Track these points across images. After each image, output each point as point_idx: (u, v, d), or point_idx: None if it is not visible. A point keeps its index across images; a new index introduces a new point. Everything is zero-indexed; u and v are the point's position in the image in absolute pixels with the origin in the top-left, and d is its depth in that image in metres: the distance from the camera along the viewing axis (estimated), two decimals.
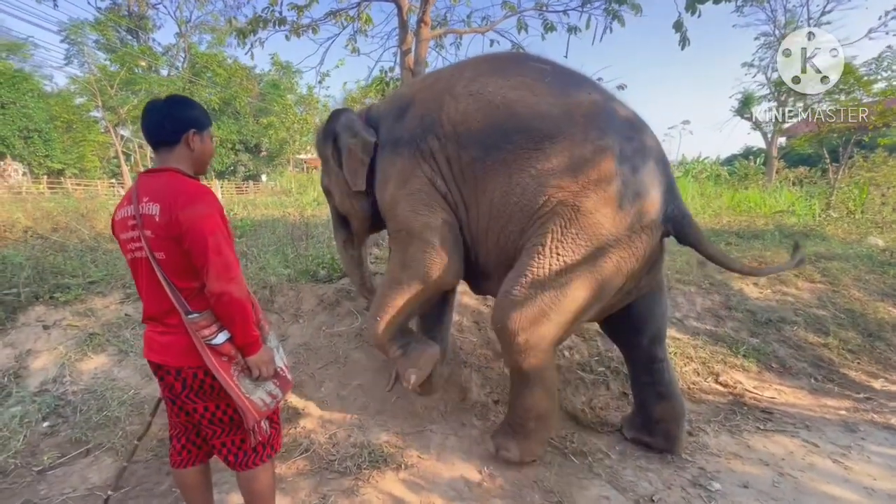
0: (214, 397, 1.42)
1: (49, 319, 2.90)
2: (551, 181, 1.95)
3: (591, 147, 1.92)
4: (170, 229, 1.28)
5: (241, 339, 1.39)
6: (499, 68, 2.25)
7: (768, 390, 3.08)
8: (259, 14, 3.79)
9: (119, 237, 1.42)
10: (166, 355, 1.39)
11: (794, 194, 10.22)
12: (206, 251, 1.28)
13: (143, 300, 1.42)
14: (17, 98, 19.90)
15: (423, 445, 2.37)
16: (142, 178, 1.39)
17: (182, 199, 1.29)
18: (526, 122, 2.03)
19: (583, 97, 2.05)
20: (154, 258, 1.31)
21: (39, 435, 2.29)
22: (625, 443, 2.48)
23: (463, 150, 2.14)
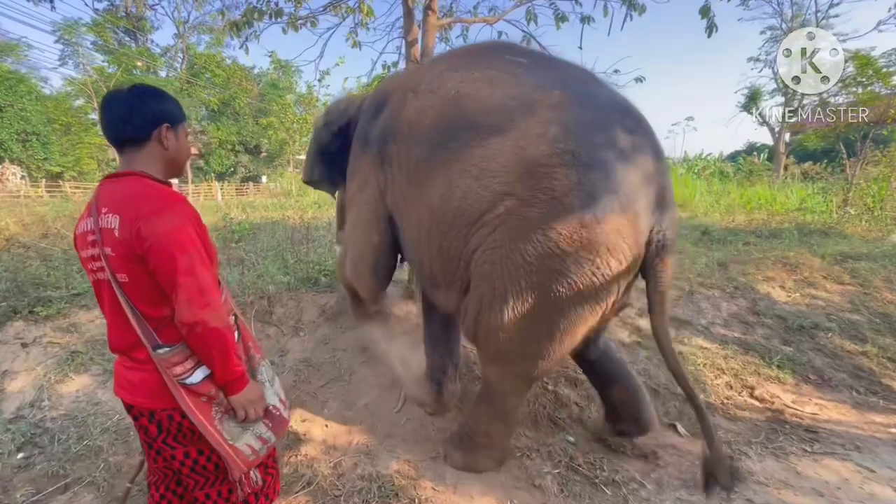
0: (196, 441, 1.20)
1: (28, 336, 2.68)
2: (494, 185, 1.64)
3: (546, 148, 1.56)
4: (131, 246, 1.05)
5: (222, 377, 1.16)
6: (469, 61, 2.02)
7: (809, 405, 2.84)
8: (254, 4, 3.57)
9: (80, 255, 1.19)
10: (136, 395, 1.18)
11: (806, 190, 9.98)
12: (174, 272, 1.06)
13: (108, 329, 1.20)
14: (14, 101, 19.70)
15: (438, 475, 2.14)
16: (103, 185, 1.16)
17: (145, 208, 1.06)
18: (474, 116, 1.76)
19: (556, 88, 1.69)
20: (116, 280, 1.09)
21: (12, 468, 2.06)
22: (660, 470, 2.25)
23: (412, 150, 1.94)
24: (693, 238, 6.02)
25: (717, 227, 6.82)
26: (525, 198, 1.57)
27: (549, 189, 1.53)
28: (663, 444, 2.45)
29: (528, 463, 2.23)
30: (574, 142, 1.54)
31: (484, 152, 1.68)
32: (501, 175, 1.63)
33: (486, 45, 2.64)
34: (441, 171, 1.81)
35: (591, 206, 1.49)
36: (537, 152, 1.56)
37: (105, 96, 1.17)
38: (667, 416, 2.68)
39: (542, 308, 1.64)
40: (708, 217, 8.28)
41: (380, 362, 2.88)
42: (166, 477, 1.33)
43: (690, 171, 15.22)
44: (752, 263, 4.57)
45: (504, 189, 1.62)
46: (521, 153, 1.60)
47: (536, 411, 2.60)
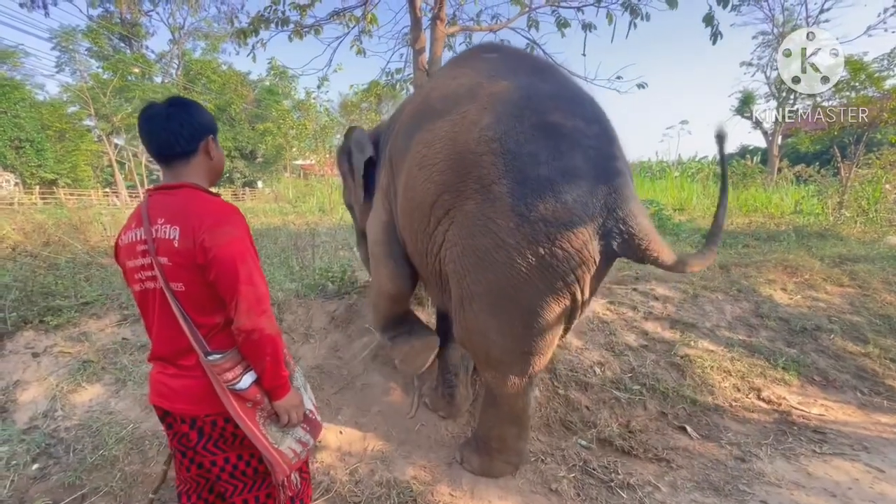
0: (237, 447, 1.23)
1: (39, 346, 2.66)
2: (434, 174, 1.65)
3: (475, 134, 1.53)
4: (192, 256, 1.08)
5: (271, 382, 1.19)
6: (455, 63, 2.19)
7: (815, 406, 2.88)
8: (261, 13, 3.59)
9: (125, 265, 1.21)
10: (180, 401, 1.19)
11: (800, 193, 10.10)
12: (236, 281, 1.09)
13: (154, 338, 1.22)
14: (8, 107, 19.59)
15: (455, 480, 2.15)
16: (153, 196, 1.18)
17: (208, 220, 1.10)
18: (431, 104, 1.83)
19: (503, 78, 1.67)
20: (170, 289, 1.12)
21: (28, 479, 2.05)
22: (673, 472, 2.27)
23: (397, 145, 2.05)
24: (693, 241, 6.08)
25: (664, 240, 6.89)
26: (460, 189, 1.57)
27: (478, 178, 1.52)
28: (675, 446, 2.48)
29: (543, 467, 2.25)
30: (502, 130, 1.51)
31: (427, 136, 1.73)
32: (438, 163, 1.64)
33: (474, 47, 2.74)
34: (405, 160, 1.88)
35: (522, 194, 1.45)
36: (468, 139, 1.56)
37: (146, 112, 1.17)
38: (676, 418, 2.70)
39: (508, 303, 1.61)
40: (706, 220, 8.36)
41: (392, 368, 2.89)
42: (198, 486, 1.34)
43: (685, 174, 15.37)
44: (753, 266, 4.62)
45: (442, 179, 1.62)
46: (453, 140, 1.61)
47: (548, 415, 2.63)
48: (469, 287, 1.67)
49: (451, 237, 1.67)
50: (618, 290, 3.99)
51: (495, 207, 1.49)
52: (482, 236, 1.54)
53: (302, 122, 22.18)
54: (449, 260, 1.71)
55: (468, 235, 1.59)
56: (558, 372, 2.91)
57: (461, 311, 1.77)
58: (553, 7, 4.10)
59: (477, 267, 1.60)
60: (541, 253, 1.48)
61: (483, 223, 1.53)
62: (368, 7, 3.96)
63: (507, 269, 1.53)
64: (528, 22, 4.24)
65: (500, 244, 1.51)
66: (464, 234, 1.60)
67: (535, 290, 1.56)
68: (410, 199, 1.82)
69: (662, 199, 9.58)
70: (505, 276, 1.55)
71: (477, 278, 1.62)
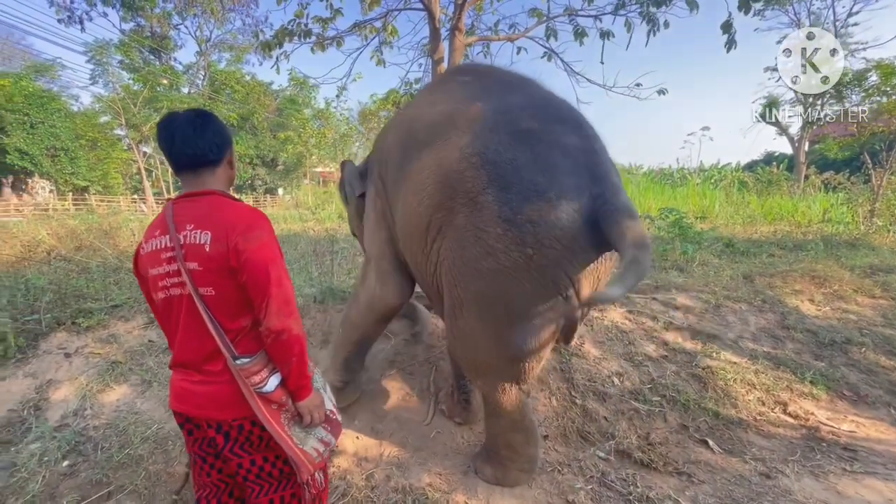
0: (263, 449, 1.26)
1: (71, 347, 2.77)
2: (425, 199, 1.74)
3: (457, 154, 1.63)
4: (225, 259, 1.12)
5: (296, 382, 1.23)
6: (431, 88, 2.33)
7: (845, 423, 2.77)
8: (285, 26, 3.70)
9: (146, 274, 1.22)
10: (206, 407, 1.21)
11: (829, 200, 9.79)
12: (267, 283, 1.13)
13: (177, 345, 1.22)
14: (45, 118, 20.53)
15: (470, 489, 2.15)
16: (178, 204, 1.20)
17: (240, 224, 1.13)
18: (415, 135, 1.94)
19: (477, 100, 1.76)
20: (198, 294, 1.13)
21: (59, 476, 2.13)
22: (694, 487, 2.21)
23: (390, 172, 2.17)
24: (716, 250, 5.95)
25: (739, 239, 6.73)
26: (450, 207, 1.64)
27: (464, 192, 1.58)
28: (696, 460, 2.42)
29: (560, 478, 2.22)
30: (480, 144, 1.58)
31: (417, 166, 1.82)
32: (428, 188, 1.72)
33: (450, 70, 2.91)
34: (400, 190, 1.98)
35: (505, 200, 1.49)
36: (451, 160, 1.65)
37: (176, 121, 1.19)
38: (698, 431, 2.64)
39: (498, 309, 1.64)
40: (729, 228, 8.17)
41: (407, 375, 2.91)
42: (218, 490, 1.36)
43: (707, 181, 15.06)
44: (778, 276, 4.49)
45: (433, 201, 1.70)
46: (438, 164, 1.70)
47: (565, 426, 2.60)
48: (459, 296, 1.72)
49: (444, 252, 1.74)
50: (637, 300, 3.93)
51: (483, 216, 1.54)
52: (472, 246, 1.58)
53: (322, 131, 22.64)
54: (443, 274, 1.79)
55: (458, 247, 1.64)
56: (575, 381, 2.88)
57: (452, 320, 1.83)
58: (571, 16, 4.10)
59: (467, 276, 1.65)
60: (529, 254, 1.48)
61: (472, 233, 1.57)
62: (389, 19, 4.04)
63: (497, 274, 1.55)
64: (547, 31, 4.26)
65: (489, 251, 1.53)
66: (454, 246, 1.66)
67: (525, 294, 1.57)
68: (408, 224, 1.91)
69: (683, 206, 9.40)
70: (495, 282, 1.57)
71: (467, 287, 1.67)
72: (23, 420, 2.37)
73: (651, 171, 20.71)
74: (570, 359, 3.06)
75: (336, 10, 3.95)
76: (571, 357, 3.08)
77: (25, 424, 2.34)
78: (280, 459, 1.27)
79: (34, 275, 3.47)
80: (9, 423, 2.35)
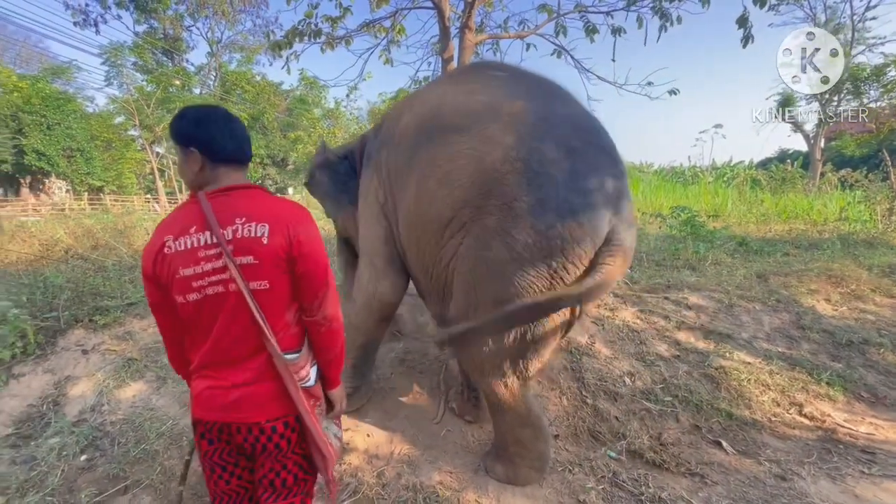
0: (290, 454, 1.22)
1: (88, 344, 2.83)
2: (456, 191, 1.71)
3: (500, 153, 1.61)
4: (285, 251, 1.11)
5: (336, 370, 1.28)
6: (459, 78, 2.20)
7: (863, 424, 2.72)
8: (295, 26, 3.73)
9: (174, 275, 1.11)
10: (241, 410, 1.15)
11: (846, 198, 9.60)
12: (324, 273, 1.17)
13: (208, 346, 1.15)
14: (61, 119, 20.92)
15: (481, 487, 2.15)
16: (215, 199, 1.14)
17: (295, 217, 1.15)
18: (446, 118, 1.85)
19: (520, 98, 1.75)
20: (249, 290, 1.10)
21: (77, 470, 2.17)
22: (707, 488, 2.19)
23: (398, 156, 2.07)
24: (729, 249, 5.87)
25: (753, 238, 6.63)
26: (481, 205, 1.65)
27: (501, 195, 1.60)
28: (709, 461, 2.39)
29: (571, 477, 2.21)
30: (526, 150, 1.60)
31: (447, 151, 1.76)
32: (461, 180, 1.70)
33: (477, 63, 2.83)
34: (414, 172, 1.91)
35: (542, 212, 1.55)
36: (493, 158, 1.63)
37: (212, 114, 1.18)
38: (710, 432, 2.61)
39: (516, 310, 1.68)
40: (742, 227, 8.05)
41: (418, 373, 2.92)
42: (238, 495, 1.30)
43: (719, 179, 14.87)
44: (793, 275, 4.42)
45: (464, 196, 1.69)
46: (478, 159, 1.67)
47: (576, 425, 2.59)
48: (477, 296, 1.74)
49: (464, 250, 1.74)
50: (648, 299, 3.89)
51: (515, 223, 1.59)
52: (498, 249, 1.63)
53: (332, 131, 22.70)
54: (459, 271, 1.79)
55: (484, 248, 1.67)
56: (586, 381, 2.86)
57: (465, 320, 1.82)
58: (581, 12, 4.07)
59: (488, 277, 1.69)
60: (553, 266, 1.60)
61: (501, 237, 1.62)
62: (397, 18, 4.04)
63: (519, 279, 1.63)
64: (556, 28, 4.22)
65: (515, 257, 1.60)
66: (479, 246, 1.68)
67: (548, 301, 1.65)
68: (424, 213, 1.86)
69: (695, 205, 9.28)
70: (515, 286, 1.64)
71: (486, 288, 1.71)
72: (42, 415, 2.42)
73: (662, 169, 20.51)
74: (580, 358, 3.05)
75: (345, 8, 3.96)
76: (582, 356, 3.07)
77: (45, 419, 2.40)
78: (304, 461, 1.25)
79: (52, 273, 3.55)
80: (29, 418, 2.41)
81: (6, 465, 2.14)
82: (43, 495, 1.99)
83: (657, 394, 2.83)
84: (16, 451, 2.21)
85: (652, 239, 6.31)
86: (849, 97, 14.82)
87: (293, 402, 1.17)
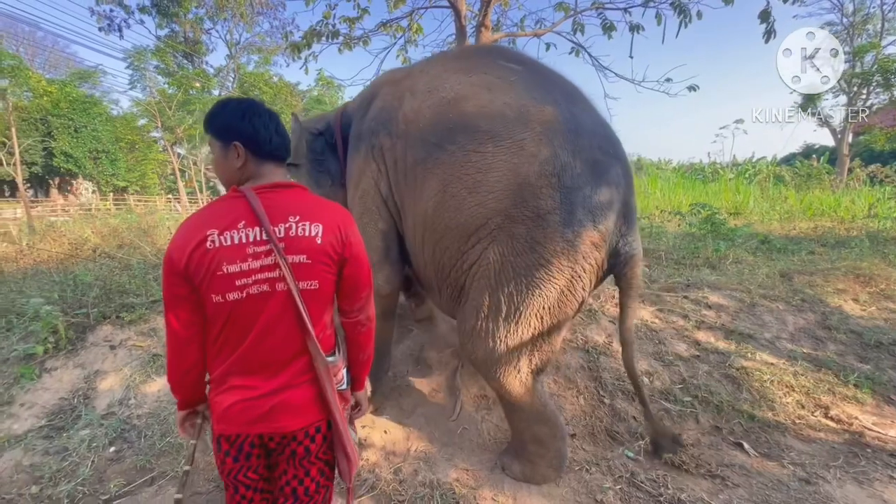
0: (315, 460, 1.18)
1: (115, 339, 2.92)
2: (489, 201, 1.75)
3: (537, 168, 1.69)
4: (337, 251, 1.12)
5: (367, 371, 1.31)
6: (465, 65, 2.10)
7: (892, 428, 2.63)
8: (314, 27, 3.78)
9: (219, 270, 1.03)
10: (278, 419, 1.11)
11: (874, 194, 9.27)
12: (368, 273, 1.21)
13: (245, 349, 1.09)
14: (88, 122, 21.60)
15: (497, 484, 2.15)
16: (266, 194, 1.09)
17: (345, 219, 1.16)
18: (472, 120, 1.82)
19: (547, 104, 1.79)
20: (298, 289, 1.07)
21: (106, 461, 2.25)
22: (728, 490, 2.15)
23: (409, 149, 2.01)
24: (751, 247, 5.73)
25: (776, 236, 6.46)
26: (513, 215, 1.72)
27: (535, 207, 1.69)
28: (730, 463, 2.35)
29: (588, 477, 2.20)
30: (560, 165, 1.69)
31: (479, 161, 1.77)
32: (496, 191, 1.74)
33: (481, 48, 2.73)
34: (436, 174, 1.88)
35: (570, 223, 1.69)
36: (529, 172, 1.70)
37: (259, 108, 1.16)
38: (732, 434, 2.56)
39: (534, 312, 1.82)
40: (765, 225, 7.85)
41: (433, 371, 2.93)
42: None
43: (741, 176, 14.49)
44: (819, 274, 4.30)
45: (497, 206, 1.74)
46: (514, 171, 1.72)
47: (593, 425, 2.57)
48: (499, 299, 1.82)
49: (490, 255, 1.80)
50: (667, 298, 3.83)
51: (546, 233, 1.70)
52: (527, 255, 1.74)
53: None
54: (482, 276, 1.85)
55: (513, 254, 1.76)
56: (604, 380, 2.84)
57: (484, 321, 1.89)
58: (599, 10, 4.03)
59: (514, 281, 1.78)
60: (577, 270, 1.76)
61: (530, 245, 1.73)
62: (414, 17, 4.06)
63: (544, 283, 1.76)
64: (574, 26, 4.19)
65: (544, 263, 1.73)
66: (507, 252, 1.77)
67: (564, 299, 1.82)
68: (451, 219, 1.85)
69: (716, 202, 9.07)
70: (540, 289, 1.77)
71: (512, 291, 1.79)
72: (73, 408, 2.52)
73: (681, 165, 20.11)
74: (598, 357, 3.02)
75: (363, 9, 4.00)
76: (599, 356, 3.04)
77: (75, 412, 2.49)
78: (321, 472, 1.20)
79: (81, 271, 3.68)
80: (60, 411, 2.50)
81: (40, 456, 2.23)
82: (75, 485, 2.07)
83: (676, 394, 2.79)
84: (49, 441, 2.30)
85: (671, 237, 6.20)
86: (878, 90, 14.31)
87: (327, 407, 1.14)
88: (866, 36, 16.14)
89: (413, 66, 2.54)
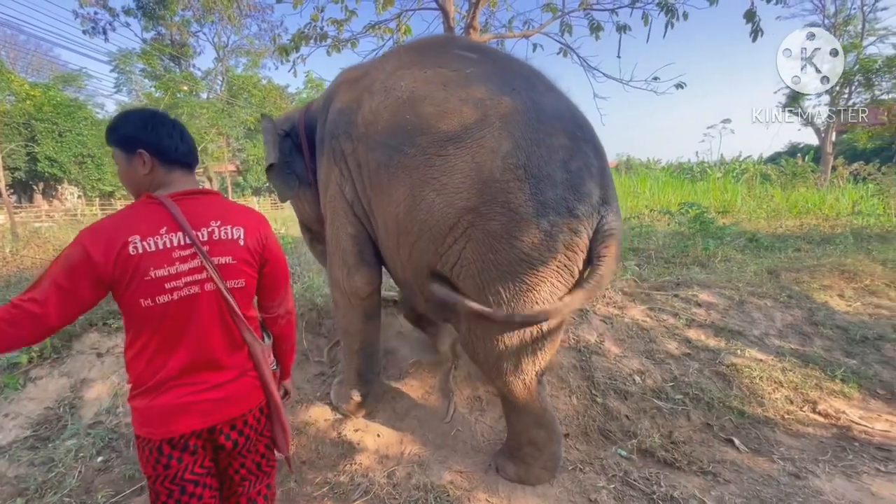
0: (265, 432, 1.32)
1: (102, 347, 2.87)
2: (457, 201, 1.69)
3: (500, 163, 1.62)
4: (258, 252, 1.23)
5: (292, 359, 1.46)
6: (420, 59, 2.03)
7: (879, 422, 2.68)
8: (301, 30, 3.77)
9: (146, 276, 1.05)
10: (223, 409, 1.18)
11: (858, 192, 9.46)
12: (286, 272, 1.34)
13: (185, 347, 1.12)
14: (72, 126, 21.26)
15: (491, 486, 2.15)
16: (183, 201, 1.14)
17: (262, 221, 1.27)
18: (429, 121, 1.77)
19: (505, 94, 1.72)
20: (226, 288, 1.15)
21: (94, 471, 2.21)
22: (720, 487, 2.17)
23: (371, 152, 1.97)
24: (739, 245, 5.81)
25: (763, 234, 6.55)
26: (485, 212, 1.66)
27: (506, 202, 1.63)
28: (721, 459, 2.37)
29: (582, 476, 2.21)
30: (524, 156, 1.63)
31: (443, 164, 1.73)
32: (462, 191, 1.69)
33: (436, 39, 2.61)
34: (402, 178, 1.84)
35: (544, 213, 1.61)
36: (493, 168, 1.64)
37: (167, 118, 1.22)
38: (722, 430, 2.59)
39: (526, 308, 1.74)
40: (752, 223, 7.96)
41: (426, 373, 2.92)
42: None
43: (728, 175, 14.68)
44: (805, 271, 4.37)
45: (466, 205, 1.69)
46: (477, 169, 1.67)
47: (586, 424, 2.58)
48: (490, 298, 1.75)
49: (469, 255, 1.74)
50: (657, 297, 3.87)
51: (520, 226, 1.63)
52: (506, 251, 1.66)
53: None
54: (465, 276, 1.78)
55: (491, 251, 1.69)
56: (596, 380, 2.85)
57: (480, 322, 1.84)
58: (586, 10, 4.06)
59: (499, 279, 1.71)
60: (561, 259, 1.69)
61: (507, 240, 1.65)
62: (402, 19, 4.06)
63: (529, 276, 1.69)
64: (561, 27, 4.22)
65: (524, 258, 1.66)
66: (485, 250, 1.70)
67: (553, 291, 1.74)
68: (423, 221, 1.81)
69: (704, 201, 9.18)
70: (526, 283, 1.70)
71: (499, 289, 1.73)
72: (59, 417, 2.46)
73: (670, 165, 20.31)
74: (590, 357, 3.04)
75: (351, 11, 4.00)
76: (591, 355, 3.06)
77: (61, 422, 2.44)
78: (267, 447, 1.34)
79: None
80: (46, 421, 2.45)
81: (25, 467, 2.18)
82: (61, 496, 2.03)
83: (668, 392, 2.81)
84: (34, 452, 2.25)
85: (660, 236, 6.26)
86: (860, 90, 14.60)
87: (266, 388, 1.27)
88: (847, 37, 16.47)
89: (370, 62, 2.47)
